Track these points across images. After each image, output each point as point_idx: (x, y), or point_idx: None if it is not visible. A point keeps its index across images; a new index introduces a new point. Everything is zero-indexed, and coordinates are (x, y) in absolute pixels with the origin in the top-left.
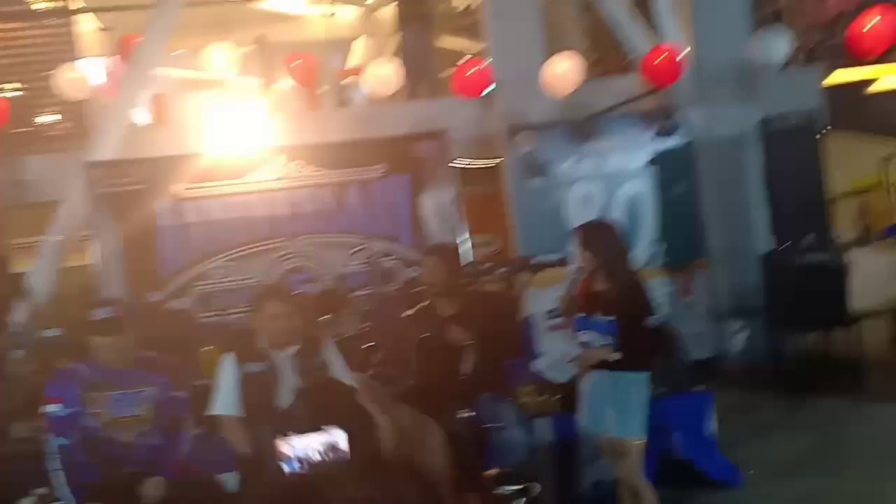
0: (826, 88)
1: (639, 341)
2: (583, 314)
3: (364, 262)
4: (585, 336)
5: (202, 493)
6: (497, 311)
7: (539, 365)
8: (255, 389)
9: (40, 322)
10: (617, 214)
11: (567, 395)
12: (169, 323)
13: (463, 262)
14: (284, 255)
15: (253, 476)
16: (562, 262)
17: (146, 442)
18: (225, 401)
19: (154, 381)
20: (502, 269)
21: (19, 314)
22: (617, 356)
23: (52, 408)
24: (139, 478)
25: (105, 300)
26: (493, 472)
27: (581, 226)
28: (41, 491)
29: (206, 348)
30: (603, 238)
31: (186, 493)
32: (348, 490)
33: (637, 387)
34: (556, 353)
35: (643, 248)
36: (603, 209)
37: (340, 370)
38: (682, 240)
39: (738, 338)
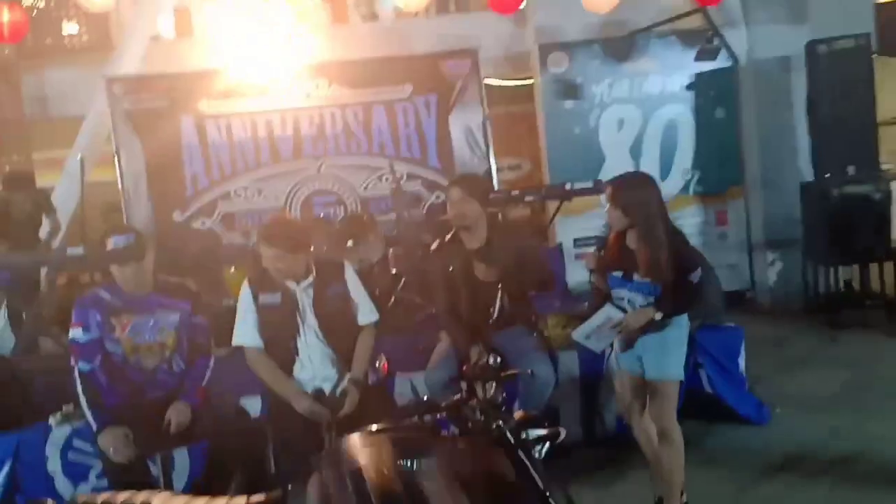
0: (877, 9)
1: (683, 299)
2: (617, 273)
3: (389, 186)
4: (622, 294)
5: (227, 420)
6: (525, 242)
7: (577, 335)
8: (274, 321)
9: (66, 239)
10: (653, 139)
11: None
12: (194, 243)
13: (490, 188)
14: (308, 177)
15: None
16: (594, 189)
17: (169, 368)
18: (244, 331)
19: (176, 307)
20: (531, 196)
21: (45, 230)
22: (660, 315)
23: (74, 332)
24: (163, 403)
25: (123, 227)
26: (518, 414)
27: (612, 180)
28: (69, 408)
29: (231, 269)
30: (636, 195)
31: (211, 419)
32: None
33: (677, 328)
34: (595, 322)
35: (678, 175)
36: (638, 133)
37: (361, 300)
38: (720, 167)
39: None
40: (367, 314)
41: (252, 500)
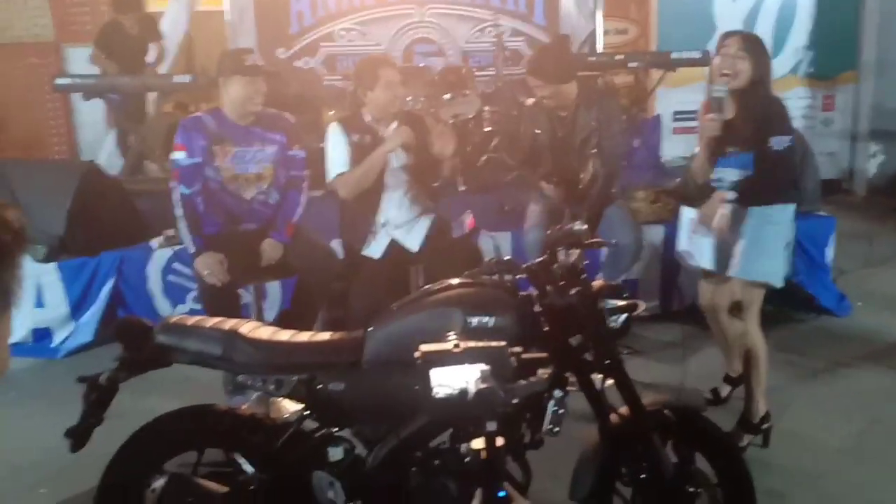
0: None
1: (761, 171)
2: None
3: (491, 40)
4: (718, 174)
5: (316, 259)
6: (617, 110)
7: (681, 247)
8: (363, 156)
9: (172, 66)
10: (768, 13)
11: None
12: (295, 82)
13: (571, 58)
14: (411, 23)
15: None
16: (701, 60)
17: (265, 199)
18: (339, 162)
19: (273, 140)
20: (634, 62)
21: (151, 56)
22: (731, 194)
23: (177, 155)
24: (256, 235)
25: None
26: (598, 282)
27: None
28: (170, 232)
29: (330, 112)
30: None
31: (302, 256)
32: None
33: (774, 224)
34: (684, 232)
35: (790, 55)
36: (754, 5)
37: (443, 144)
38: (834, 50)
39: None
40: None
41: (334, 336)
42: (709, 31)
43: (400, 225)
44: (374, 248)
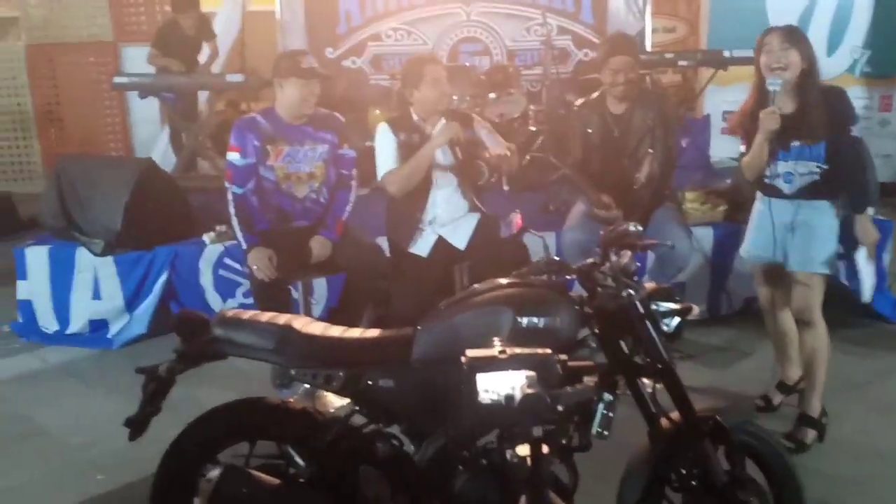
0: None
1: (846, 157)
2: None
3: (538, 39)
4: (783, 168)
5: (363, 256)
6: (672, 110)
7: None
8: (411, 155)
9: (225, 65)
10: (825, 10)
11: (732, 205)
12: (343, 81)
13: (641, 48)
14: (458, 22)
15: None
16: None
17: (316, 198)
18: (387, 160)
19: (324, 139)
20: (685, 60)
21: (204, 55)
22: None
23: (231, 156)
24: (307, 233)
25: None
26: (650, 284)
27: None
28: (221, 227)
29: (376, 111)
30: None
31: (349, 254)
32: None
33: (827, 216)
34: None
35: (847, 53)
36: (811, 2)
37: (493, 143)
38: (892, 48)
39: None
40: (500, 147)
41: (385, 334)
42: (761, 29)
43: (446, 223)
44: (422, 246)
